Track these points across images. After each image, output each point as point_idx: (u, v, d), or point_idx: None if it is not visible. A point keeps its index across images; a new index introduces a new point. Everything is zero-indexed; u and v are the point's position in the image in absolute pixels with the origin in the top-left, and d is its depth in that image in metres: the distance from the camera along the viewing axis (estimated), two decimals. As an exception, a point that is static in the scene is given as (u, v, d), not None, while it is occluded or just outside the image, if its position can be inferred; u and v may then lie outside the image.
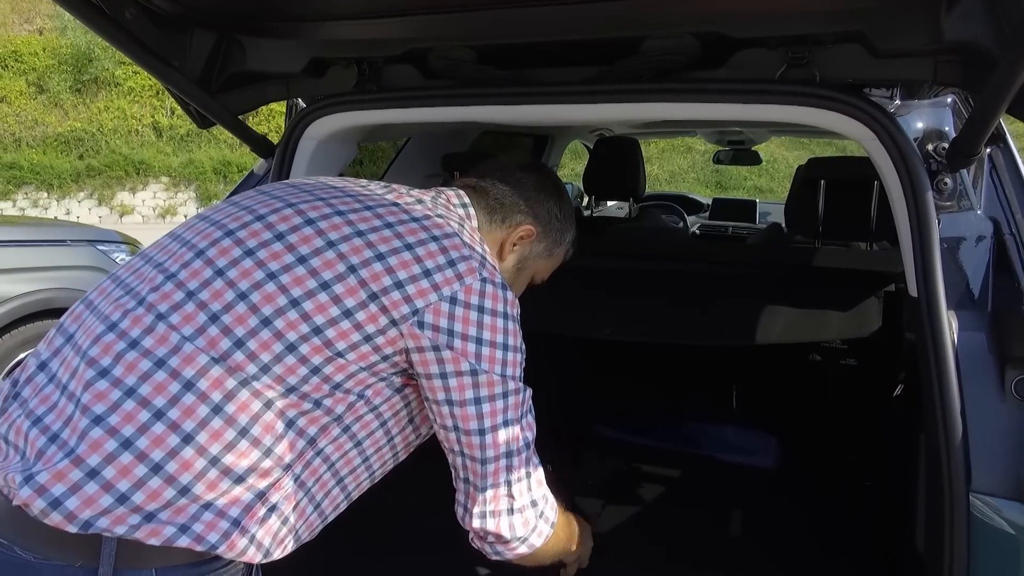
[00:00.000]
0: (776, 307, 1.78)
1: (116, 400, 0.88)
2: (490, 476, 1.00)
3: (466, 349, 0.96)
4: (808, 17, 1.18)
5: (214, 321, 0.92)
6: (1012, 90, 0.96)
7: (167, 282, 0.96)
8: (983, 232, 1.23)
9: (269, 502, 0.93)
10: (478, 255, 1.03)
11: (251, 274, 0.95)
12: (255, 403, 0.91)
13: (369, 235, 0.99)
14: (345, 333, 0.94)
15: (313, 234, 0.98)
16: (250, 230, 0.99)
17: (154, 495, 0.86)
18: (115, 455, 0.85)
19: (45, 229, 4.04)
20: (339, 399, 0.96)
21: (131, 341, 0.91)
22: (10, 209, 13.38)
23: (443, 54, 1.42)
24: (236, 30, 1.44)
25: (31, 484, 0.84)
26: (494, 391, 0.98)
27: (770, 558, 1.91)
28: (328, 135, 1.57)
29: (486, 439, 0.98)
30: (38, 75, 14.74)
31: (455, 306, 0.97)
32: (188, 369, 0.89)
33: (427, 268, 0.98)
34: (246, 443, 0.90)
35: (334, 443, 0.99)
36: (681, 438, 2.44)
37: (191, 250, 0.99)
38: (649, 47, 1.29)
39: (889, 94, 1.32)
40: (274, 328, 0.92)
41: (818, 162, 2.02)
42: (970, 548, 1.08)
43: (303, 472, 0.96)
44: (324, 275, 0.95)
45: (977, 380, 1.11)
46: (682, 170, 18.25)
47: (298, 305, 0.93)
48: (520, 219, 1.19)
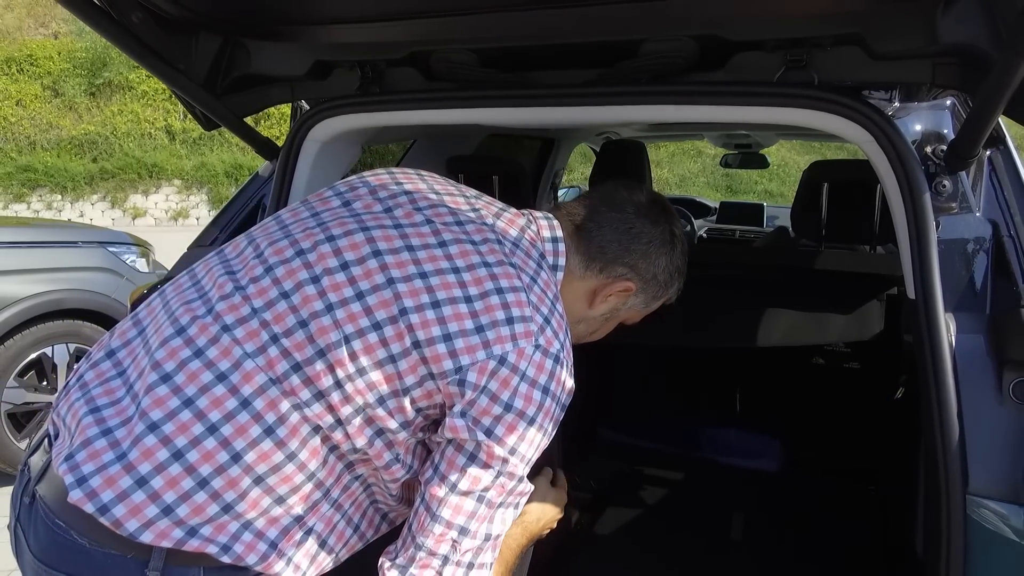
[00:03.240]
0: (778, 310, 1.78)
1: (173, 408, 0.89)
2: (431, 537, 0.91)
3: (491, 408, 0.89)
4: (806, 20, 1.18)
5: (275, 342, 0.92)
6: (1008, 91, 0.96)
7: (236, 293, 0.97)
8: (982, 234, 1.23)
9: (306, 525, 0.94)
10: (541, 317, 0.95)
11: (311, 303, 0.93)
12: (305, 427, 0.91)
13: (431, 278, 0.94)
14: (389, 378, 0.91)
15: (376, 268, 0.95)
16: (319, 253, 0.97)
17: (198, 510, 0.87)
18: (165, 465, 0.86)
19: (56, 230, 4.08)
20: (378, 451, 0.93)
21: (196, 350, 0.92)
22: (24, 211, 13.52)
23: (445, 57, 1.44)
24: (241, 34, 1.46)
25: (83, 487, 0.86)
26: (491, 462, 0.90)
27: (771, 561, 1.91)
28: (332, 137, 1.58)
29: (450, 498, 0.90)
30: (53, 79, 14.90)
31: (502, 366, 0.90)
32: (247, 387, 0.90)
33: (481, 324, 0.92)
34: (292, 467, 0.90)
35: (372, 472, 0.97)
36: (685, 441, 2.44)
37: (262, 264, 0.99)
38: (648, 50, 1.30)
39: (888, 96, 1.32)
40: (327, 361, 0.91)
41: (821, 165, 2.02)
42: (967, 551, 1.08)
43: (340, 495, 0.96)
44: (378, 315, 0.92)
45: (975, 382, 1.11)
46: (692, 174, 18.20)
47: (348, 343, 0.91)
48: (622, 272, 1.09)
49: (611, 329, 1.21)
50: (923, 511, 1.24)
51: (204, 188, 15.03)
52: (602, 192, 1.16)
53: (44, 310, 3.45)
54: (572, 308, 1.08)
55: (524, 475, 0.94)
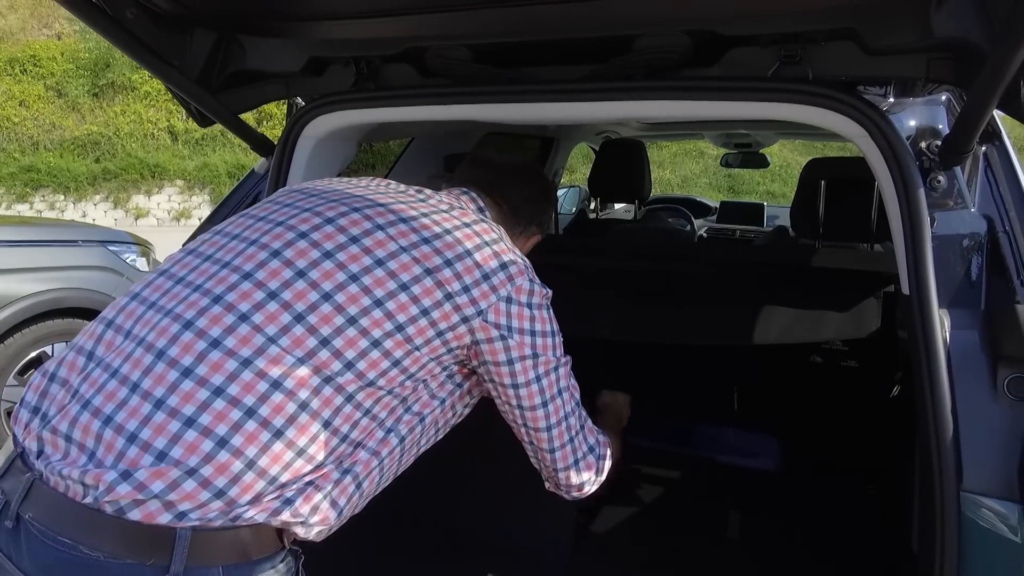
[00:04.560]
0: (775, 307, 1.78)
1: (205, 400, 0.90)
2: (556, 439, 1.15)
3: (523, 341, 1.09)
4: (800, 15, 1.18)
5: (299, 321, 0.96)
6: (1002, 85, 0.96)
7: (244, 281, 0.99)
8: (977, 230, 1.22)
9: (344, 468, 0.99)
10: (520, 258, 1.15)
11: (333, 276, 1.00)
12: (338, 398, 0.96)
13: (435, 242, 1.08)
14: (423, 330, 1.03)
15: (386, 238, 1.06)
16: (324, 232, 1.05)
17: (247, 488, 0.89)
18: (212, 455, 0.88)
19: (57, 229, 4.09)
20: (408, 387, 1.04)
21: (212, 340, 0.94)
22: (27, 211, 13.55)
23: (440, 53, 1.44)
24: (236, 30, 1.46)
25: (129, 481, 0.86)
26: (549, 367, 1.12)
27: (768, 559, 1.90)
28: (327, 133, 1.58)
29: (549, 409, 1.13)
30: (56, 80, 14.92)
31: (511, 305, 1.09)
32: (275, 369, 0.93)
33: (485, 272, 1.08)
34: (328, 434, 0.96)
35: (403, 422, 1.07)
36: (682, 439, 2.43)
37: (263, 249, 1.02)
38: (642, 45, 1.29)
39: (883, 92, 1.31)
40: (360, 326, 0.99)
41: (819, 163, 2.02)
42: (961, 547, 1.07)
43: (378, 445, 1.04)
44: (402, 277, 1.03)
45: (969, 378, 1.10)
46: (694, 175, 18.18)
47: (382, 305, 1.00)
48: (534, 229, 1.36)
49: None
50: (918, 508, 1.23)
51: (206, 188, 15.04)
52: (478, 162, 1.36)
53: (44, 308, 3.45)
54: None
55: (567, 360, 1.16)
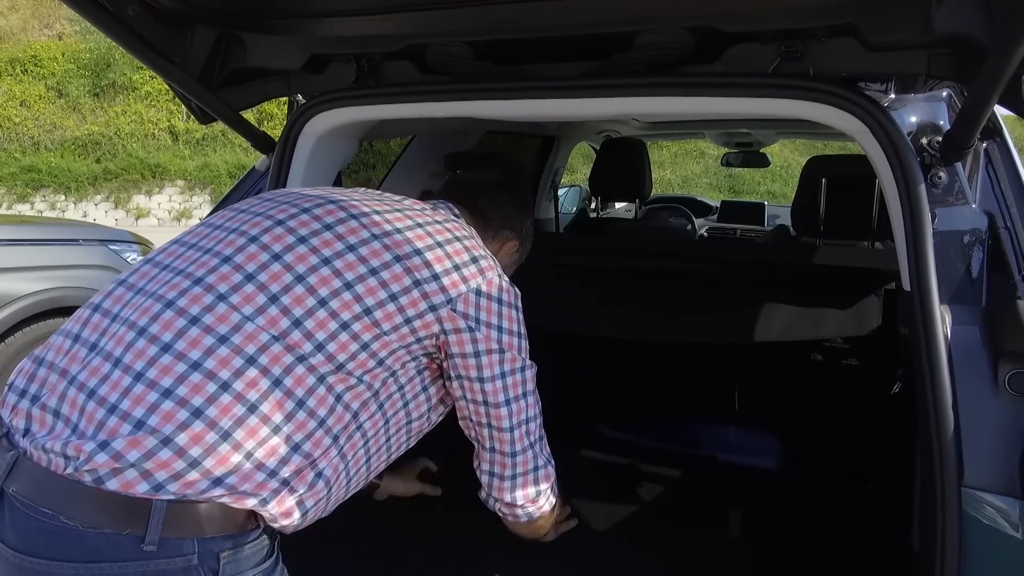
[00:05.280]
0: (776, 305, 1.78)
1: (182, 373, 0.93)
2: (518, 441, 1.17)
3: (490, 335, 1.11)
4: (800, 11, 1.18)
5: (273, 302, 1.00)
6: (1003, 80, 0.95)
7: (223, 264, 1.03)
8: (978, 226, 1.22)
9: (318, 468, 1.00)
10: (490, 256, 1.18)
11: (307, 259, 1.04)
12: (310, 377, 0.99)
13: (407, 232, 1.11)
14: (391, 315, 1.05)
15: (359, 227, 1.09)
16: (299, 220, 1.09)
17: (223, 460, 0.91)
18: (187, 424, 0.91)
19: (58, 228, 4.09)
20: (377, 374, 1.06)
21: (191, 318, 0.97)
22: (28, 211, 13.54)
23: (441, 50, 1.44)
24: (237, 27, 1.46)
25: (107, 451, 0.89)
26: (516, 366, 1.14)
27: (769, 558, 1.90)
28: (327, 131, 1.58)
29: (512, 408, 1.14)
30: (57, 80, 14.92)
31: (480, 298, 1.11)
32: (250, 346, 0.96)
33: (456, 263, 1.11)
34: (303, 414, 0.98)
35: (371, 419, 1.08)
36: (683, 438, 2.43)
37: (242, 236, 1.06)
38: (643, 42, 1.29)
39: (884, 88, 1.31)
40: (330, 308, 1.01)
41: (820, 160, 2.02)
42: (962, 542, 1.07)
43: (346, 443, 1.04)
44: (372, 262, 1.06)
45: (970, 374, 1.10)
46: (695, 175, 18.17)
47: (351, 287, 1.03)
48: (507, 235, 1.37)
49: None
50: (919, 504, 1.23)
51: (207, 188, 15.04)
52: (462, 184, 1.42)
53: (45, 307, 3.45)
54: None
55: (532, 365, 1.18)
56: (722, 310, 1.84)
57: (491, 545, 1.71)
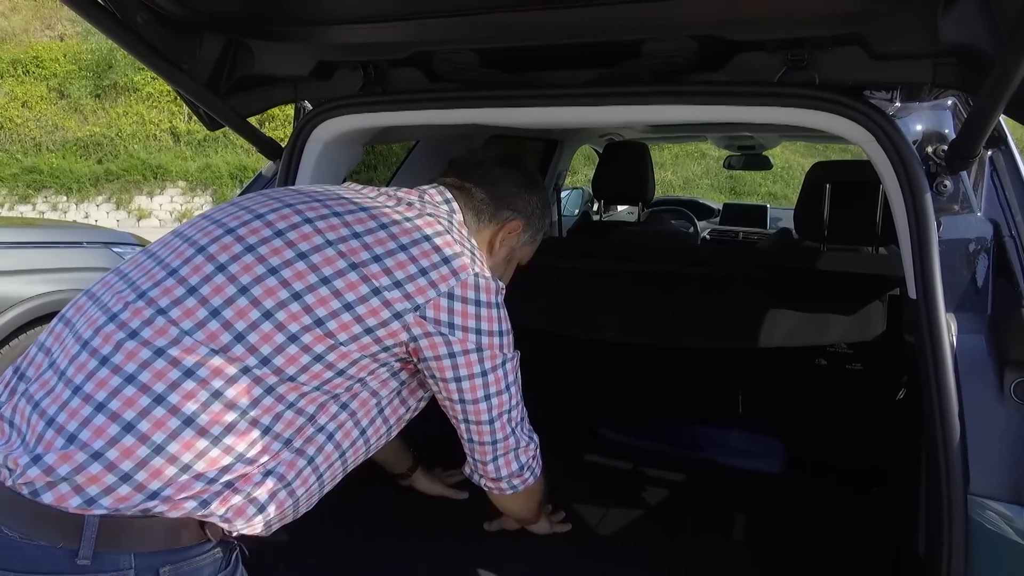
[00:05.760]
0: (780, 311, 1.78)
1: (116, 386, 0.91)
2: (497, 431, 1.15)
3: (467, 337, 1.06)
4: (806, 20, 1.18)
5: (215, 316, 0.96)
6: (1009, 91, 0.96)
7: (168, 277, 1.00)
8: (983, 234, 1.22)
9: (267, 468, 0.98)
10: (468, 251, 1.11)
11: (252, 269, 0.99)
12: (256, 388, 0.96)
13: (365, 237, 1.04)
14: (346, 325, 1.00)
15: (312, 232, 1.03)
16: (250, 227, 1.04)
17: (156, 473, 0.90)
18: (117, 439, 0.89)
19: (61, 231, 4.10)
20: (338, 383, 1.02)
21: (130, 331, 0.95)
22: (30, 212, 13.56)
23: (448, 57, 1.44)
24: (244, 34, 1.47)
25: (39, 464, 0.88)
26: (495, 363, 1.10)
27: (773, 562, 1.90)
28: (334, 137, 1.59)
29: (492, 402, 1.12)
30: (59, 81, 14.94)
31: (453, 301, 1.05)
32: (189, 358, 0.93)
33: (423, 267, 1.04)
34: (246, 423, 0.95)
35: (333, 419, 1.04)
36: (686, 442, 2.43)
37: (192, 246, 1.03)
38: (650, 50, 1.30)
39: (889, 96, 1.32)
40: (276, 320, 0.97)
41: (824, 166, 2.03)
42: (968, 551, 1.08)
43: (304, 444, 1.01)
44: (324, 271, 1.00)
45: (976, 382, 1.11)
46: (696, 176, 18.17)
47: (300, 298, 0.98)
48: (507, 215, 1.27)
49: (514, 270, 1.38)
50: (924, 511, 1.23)
51: (208, 189, 15.05)
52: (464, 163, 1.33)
53: (49, 310, 3.45)
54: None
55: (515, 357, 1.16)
56: (726, 315, 1.84)
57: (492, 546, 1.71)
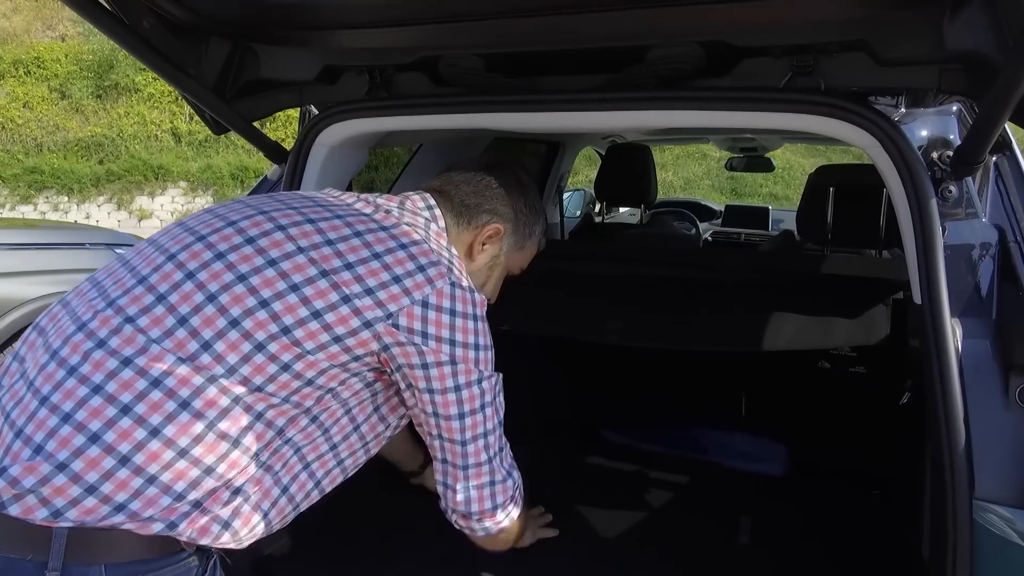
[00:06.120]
0: (784, 314, 1.78)
1: (83, 396, 0.91)
2: (471, 456, 1.07)
3: (440, 348, 1.02)
4: (812, 26, 1.19)
5: (182, 324, 0.95)
6: (1014, 98, 0.96)
7: (138, 285, 0.99)
8: (988, 240, 1.23)
9: (234, 486, 0.96)
10: (446, 260, 1.08)
11: (220, 276, 0.98)
12: (223, 399, 0.94)
13: (338, 244, 1.02)
14: (314, 333, 0.97)
15: (284, 239, 1.01)
16: (222, 234, 1.02)
17: (122, 485, 0.89)
18: (83, 449, 0.88)
19: (63, 232, 4.11)
20: (308, 394, 1.00)
21: (98, 341, 0.94)
22: (31, 213, 13.56)
23: (452, 62, 1.45)
24: (251, 39, 1.47)
25: (4, 476, 0.87)
26: (471, 378, 1.05)
27: (776, 566, 1.91)
28: (340, 141, 1.59)
29: (465, 422, 1.06)
30: (60, 81, 14.94)
31: (427, 310, 1.02)
32: (156, 367, 0.92)
33: (396, 274, 1.02)
34: (213, 436, 0.93)
35: (302, 432, 1.02)
36: (689, 444, 2.43)
37: (163, 254, 1.02)
38: (655, 56, 1.30)
39: (895, 102, 1.32)
40: (242, 328, 0.95)
41: (827, 169, 2.03)
42: (973, 555, 1.08)
43: (270, 458, 0.99)
44: (294, 277, 0.98)
45: (981, 387, 1.11)
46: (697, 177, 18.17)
47: (267, 306, 0.96)
48: (486, 219, 1.22)
49: (502, 279, 1.32)
50: (929, 516, 1.24)
51: (209, 190, 15.05)
52: (450, 165, 1.30)
53: (52, 312, 3.46)
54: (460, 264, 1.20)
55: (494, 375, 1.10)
56: (731, 318, 1.84)
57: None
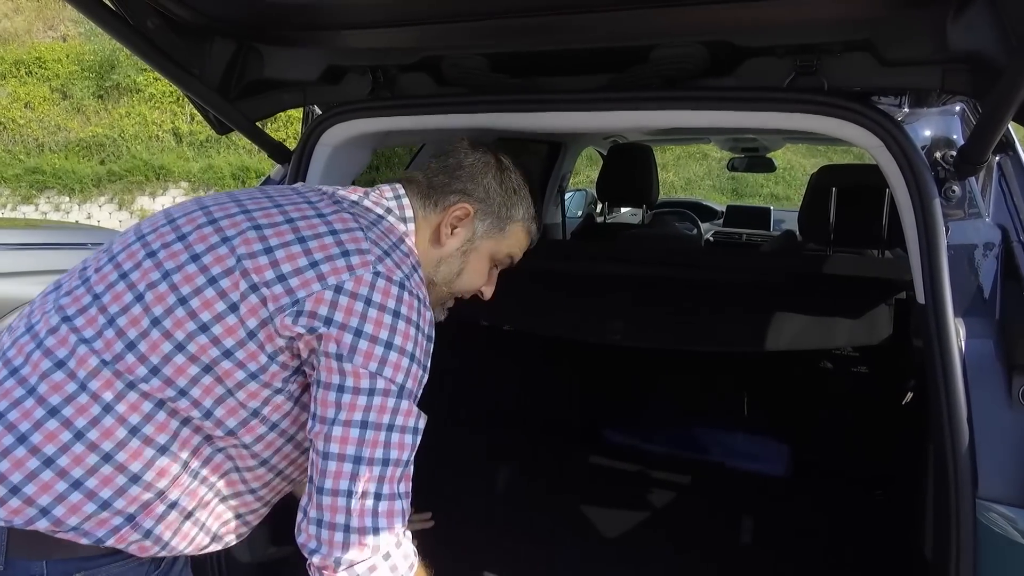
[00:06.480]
0: (786, 314, 1.79)
1: (18, 398, 0.91)
2: (330, 476, 0.89)
3: (342, 337, 0.90)
4: (816, 26, 1.19)
5: (111, 324, 0.94)
6: (1018, 98, 0.96)
7: (80, 286, 0.99)
8: (991, 239, 1.23)
9: (168, 499, 0.94)
10: (380, 251, 0.97)
11: (148, 274, 0.96)
12: (146, 404, 0.92)
13: (266, 229, 0.97)
14: (232, 329, 0.92)
15: (212, 232, 0.98)
16: (158, 233, 1.01)
17: (45, 487, 0.88)
18: (10, 449, 0.89)
19: (65, 232, 4.12)
20: (232, 409, 0.94)
21: (39, 341, 0.95)
22: (32, 213, 13.56)
23: (456, 62, 1.45)
24: (254, 39, 1.47)
25: None
26: (359, 384, 0.90)
27: (779, 566, 1.91)
28: (343, 141, 1.60)
29: (333, 431, 0.89)
30: (61, 81, 14.95)
31: (339, 295, 0.91)
32: (82, 370, 0.92)
33: (315, 260, 0.94)
34: (138, 442, 0.91)
35: (233, 447, 0.98)
36: (692, 445, 2.44)
37: (106, 255, 1.02)
38: (659, 55, 1.30)
39: (898, 102, 1.32)
40: (163, 328, 0.92)
41: (830, 169, 2.03)
42: (977, 555, 1.08)
43: (202, 467, 0.97)
44: (213, 270, 0.94)
45: (984, 387, 1.11)
46: (698, 177, 18.16)
47: (185, 303, 0.93)
48: (454, 199, 1.14)
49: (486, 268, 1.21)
50: (933, 516, 1.24)
51: (211, 190, 15.06)
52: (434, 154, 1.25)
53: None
54: (427, 254, 1.14)
55: (406, 397, 0.92)
56: (733, 319, 1.84)
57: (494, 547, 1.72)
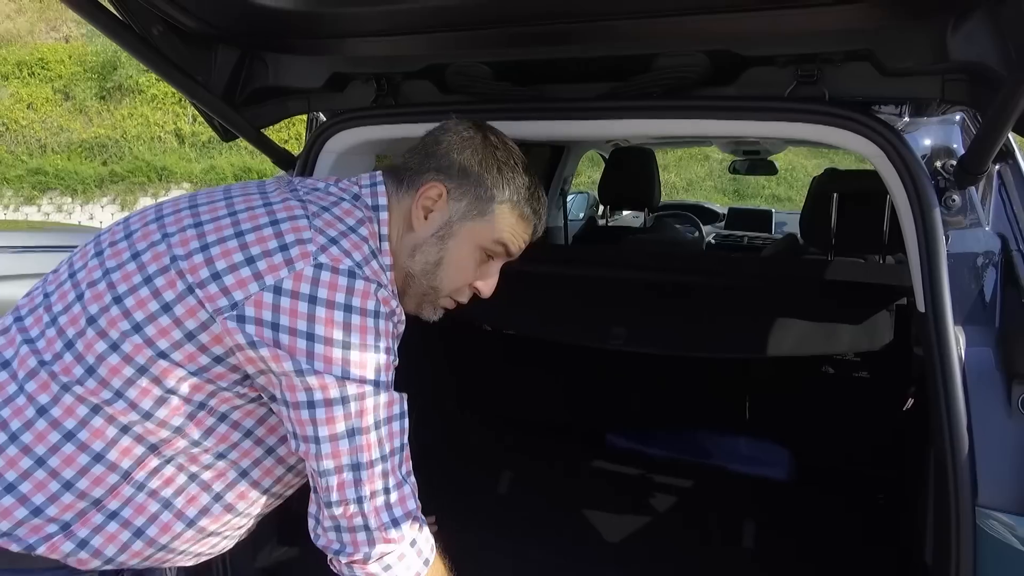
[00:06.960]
0: (788, 320, 1.79)
1: None
2: (334, 491, 0.87)
3: (295, 346, 0.84)
4: (817, 36, 1.20)
5: (53, 323, 0.93)
6: (1017, 109, 0.97)
7: (39, 287, 1.00)
8: (991, 248, 1.24)
9: (106, 508, 0.91)
10: (324, 239, 0.90)
11: (92, 272, 0.94)
12: (81, 407, 0.89)
13: (206, 225, 0.92)
14: (166, 330, 0.87)
15: (155, 228, 0.94)
16: (111, 231, 0.99)
17: None
18: None
19: (67, 234, 4.13)
20: (176, 408, 0.90)
21: None
22: (35, 214, 13.61)
23: (460, 70, 1.46)
24: (259, 47, 1.49)
25: None
26: (329, 395, 0.85)
27: (780, 570, 1.91)
28: (347, 148, 1.60)
29: (322, 449, 0.86)
30: (64, 82, 14.99)
31: (280, 296, 0.85)
32: (21, 371, 0.91)
33: (251, 255, 0.87)
34: (72, 447, 0.88)
35: (184, 452, 0.93)
36: (694, 449, 2.44)
37: (67, 260, 1.02)
38: (661, 64, 1.31)
39: (898, 111, 1.33)
40: (98, 327, 0.89)
41: (832, 174, 2.04)
42: (976, 562, 1.09)
43: (148, 478, 0.92)
44: (149, 269, 0.90)
45: (984, 395, 1.12)
46: (699, 178, 18.16)
47: (120, 302, 0.89)
48: (427, 178, 1.06)
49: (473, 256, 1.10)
50: (932, 523, 1.25)
51: (213, 191, 15.10)
52: None
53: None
54: (402, 241, 1.06)
55: (383, 390, 0.89)
56: (735, 324, 1.85)
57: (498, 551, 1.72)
